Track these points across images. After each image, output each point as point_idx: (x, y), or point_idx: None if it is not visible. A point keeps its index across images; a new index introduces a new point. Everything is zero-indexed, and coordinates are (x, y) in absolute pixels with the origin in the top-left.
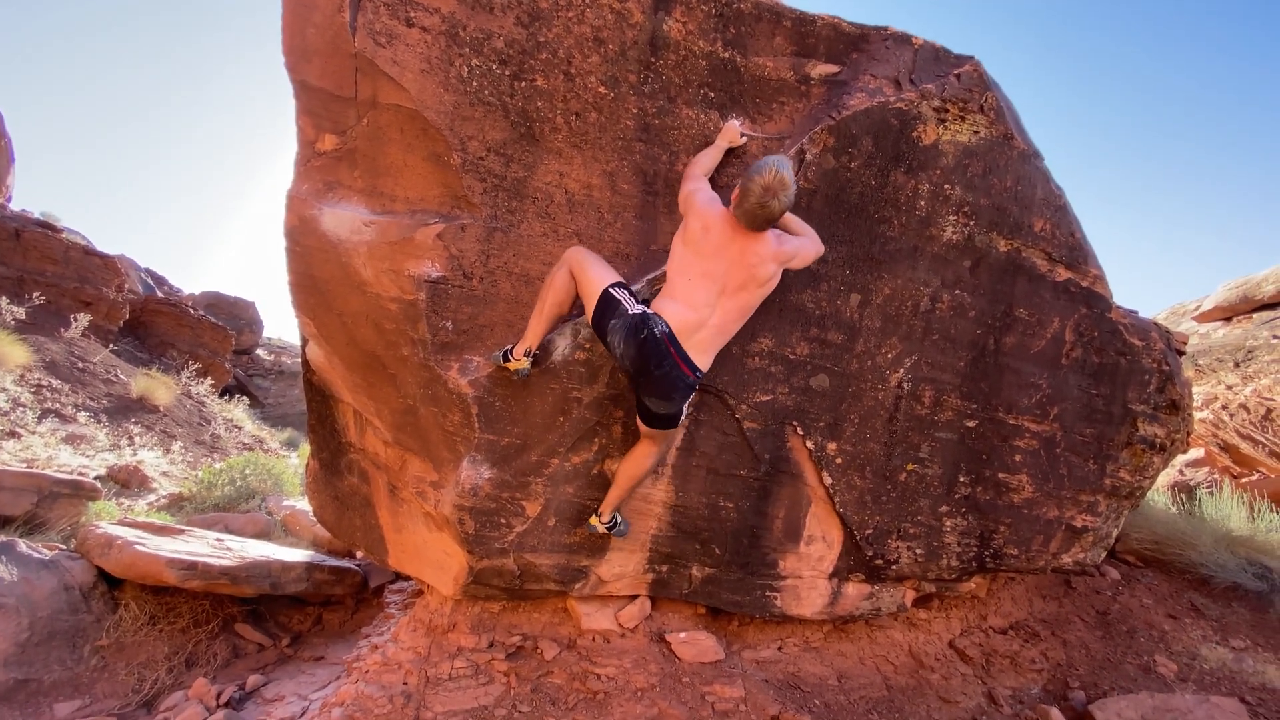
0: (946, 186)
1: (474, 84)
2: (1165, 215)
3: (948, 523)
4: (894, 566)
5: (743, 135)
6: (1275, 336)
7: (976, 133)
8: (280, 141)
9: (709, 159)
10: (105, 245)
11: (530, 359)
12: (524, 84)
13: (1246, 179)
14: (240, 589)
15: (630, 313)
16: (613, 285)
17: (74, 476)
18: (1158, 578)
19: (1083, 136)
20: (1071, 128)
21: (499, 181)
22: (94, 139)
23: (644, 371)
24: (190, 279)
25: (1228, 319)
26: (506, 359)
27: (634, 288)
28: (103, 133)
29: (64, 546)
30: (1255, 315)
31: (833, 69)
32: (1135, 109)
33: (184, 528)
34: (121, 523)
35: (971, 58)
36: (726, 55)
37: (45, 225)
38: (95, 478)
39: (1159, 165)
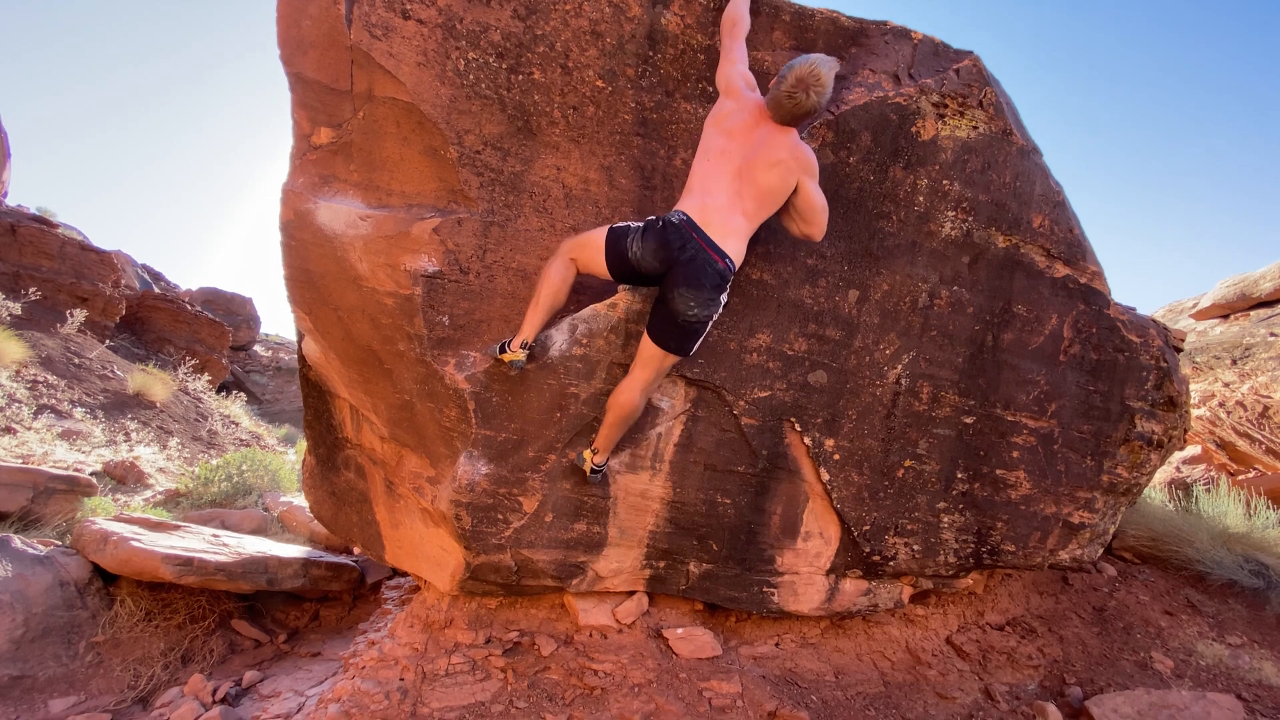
0: (945, 182)
1: (471, 77)
2: (1162, 212)
3: (945, 519)
4: (891, 563)
5: None
6: (1272, 334)
7: (975, 128)
8: (278, 136)
9: (742, 12)
10: (102, 241)
11: (526, 351)
12: (521, 77)
13: (1244, 176)
14: (237, 585)
15: (643, 224)
16: (613, 226)
17: (70, 472)
18: (1155, 574)
19: (1080, 134)
20: (1069, 124)
21: (496, 175)
22: (92, 134)
23: (671, 259)
24: (187, 275)
25: (1225, 316)
26: (503, 351)
27: None
28: (101, 128)
29: (59, 542)
30: (1253, 313)
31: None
32: (1132, 105)
33: (180, 524)
34: (117, 519)
35: (970, 53)
36: None
37: (41, 221)
38: (91, 473)
39: (1156, 162)
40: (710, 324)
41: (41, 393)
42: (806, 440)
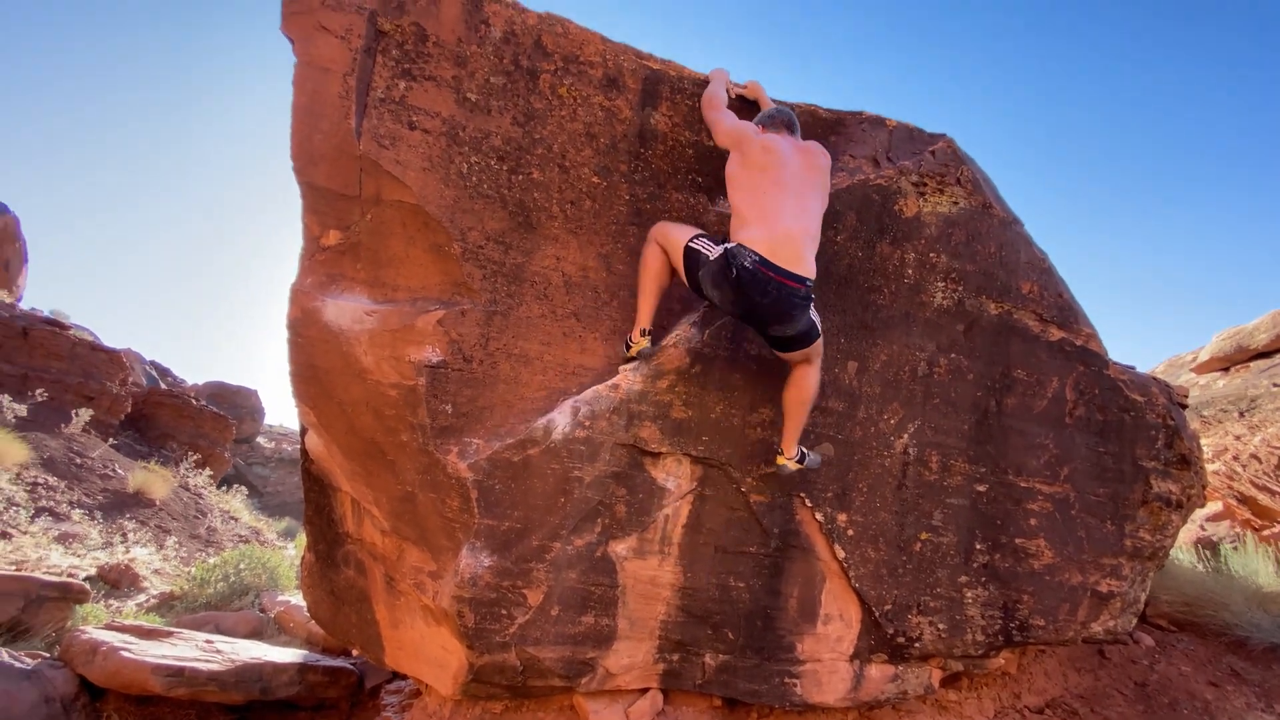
0: (932, 255)
1: (473, 179)
2: (1140, 269)
3: (968, 594)
4: (917, 644)
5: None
6: (1275, 384)
7: (956, 203)
8: (287, 233)
9: (718, 93)
10: (113, 339)
11: (648, 338)
12: (521, 177)
13: (1221, 227)
14: (229, 696)
15: (712, 257)
16: (692, 239)
17: (62, 579)
18: (1194, 642)
19: (1052, 198)
20: (1043, 190)
21: (498, 268)
22: (108, 236)
23: (752, 306)
24: (197, 369)
25: (1225, 369)
26: (629, 347)
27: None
28: (117, 230)
29: (47, 654)
30: (1252, 364)
31: None
32: (1101, 160)
33: (173, 630)
34: (108, 627)
35: (944, 135)
36: (711, 143)
37: (53, 323)
38: (85, 578)
39: (1130, 220)
40: (812, 310)
41: (40, 495)
42: (818, 516)
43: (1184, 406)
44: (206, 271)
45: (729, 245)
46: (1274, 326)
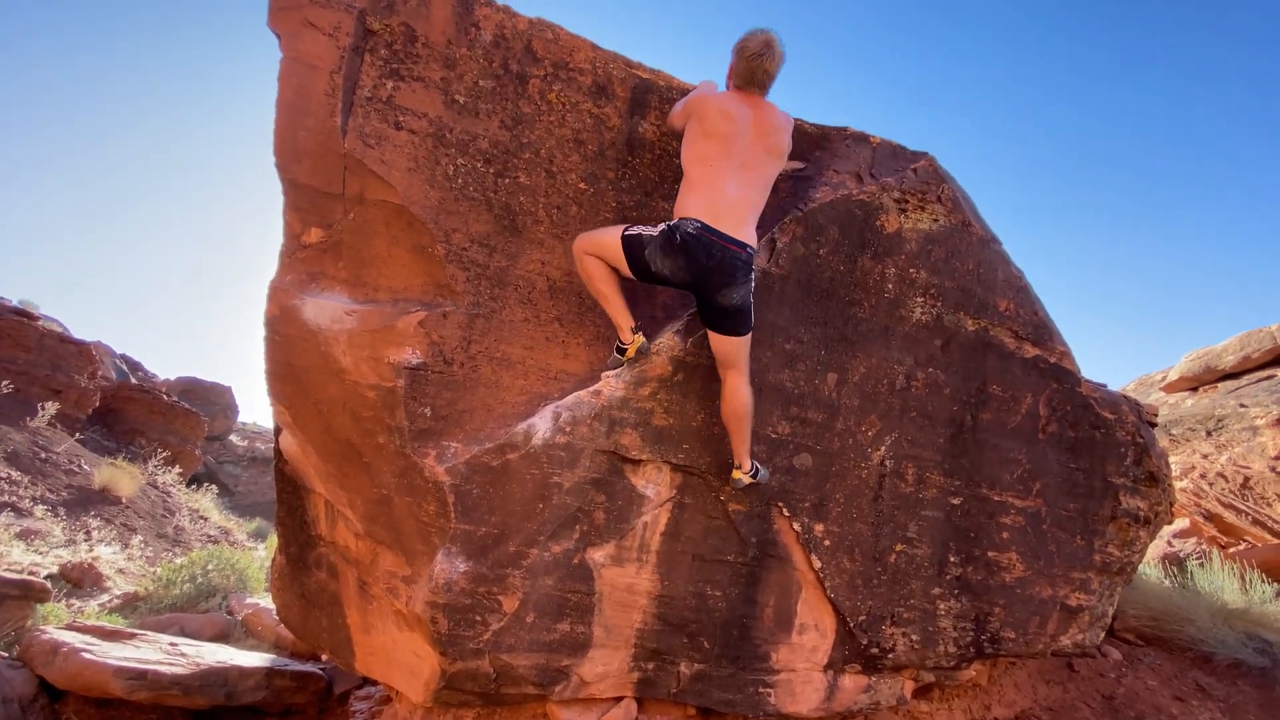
0: (912, 270)
1: (459, 181)
2: (1112, 288)
3: (941, 606)
4: (890, 655)
5: None
6: (1242, 405)
7: (936, 221)
8: (266, 227)
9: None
10: (85, 331)
11: (640, 333)
12: (508, 181)
13: (1191, 248)
14: (192, 700)
15: (655, 234)
16: (625, 230)
17: (23, 576)
18: (1160, 656)
19: (1025, 217)
20: (1015, 209)
21: (482, 270)
22: (82, 225)
23: (699, 268)
24: (170, 364)
25: (1194, 389)
26: (622, 351)
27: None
28: (92, 220)
29: (6, 654)
30: (1220, 385)
31: (798, 165)
32: (1074, 179)
33: (136, 631)
34: (70, 627)
35: (926, 153)
36: None
37: (22, 313)
38: (46, 576)
39: (1103, 240)
40: (752, 292)
41: (3, 489)
42: (796, 526)
43: (1153, 425)
44: (183, 264)
45: (671, 222)
46: (1241, 349)
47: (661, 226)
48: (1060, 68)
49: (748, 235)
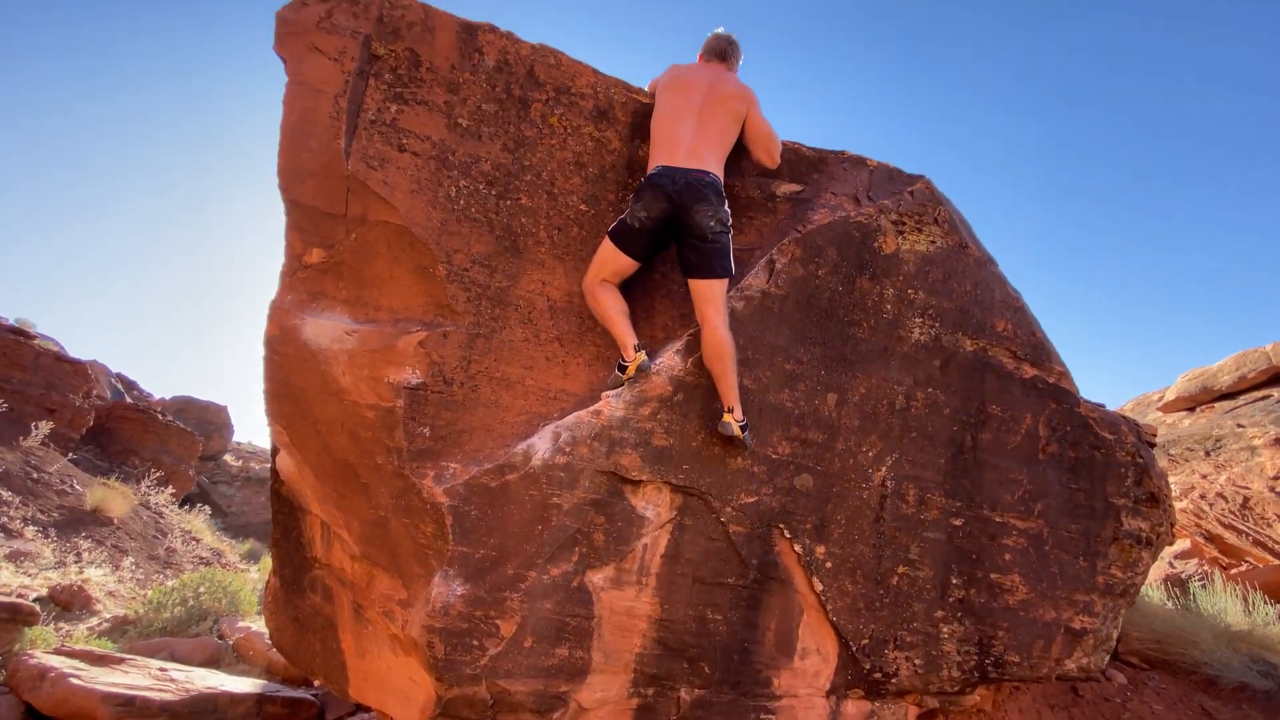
0: (910, 291)
1: (461, 202)
2: (1106, 308)
3: (945, 629)
4: (893, 679)
5: None
6: (1239, 425)
7: (933, 242)
8: (266, 247)
9: None
10: (81, 350)
11: (643, 351)
12: (509, 202)
13: (1187, 266)
14: None
15: (630, 200)
16: (609, 232)
17: (12, 599)
18: (1164, 680)
19: (1019, 237)
20: (1010, 229)
21: (483, 290)
22: (82, 243)
23: (667, 196)
24: (166, 383)
25: (1191, 409)
26: (623, 369)
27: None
28: (91, 238)
29: None
30: (1217, 405)
31: (796, 188)
32: (1067, 198)
33: (125, 656)
34: (58, 651)
35: (922, 176)
36: None
37: (18, 332)
38: (35, 599)
39: (1098, 259)
40: (730, 237)
41: None
42: (797, 547)
43: (1152, 445)
44: (183, 283)
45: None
46: (1237, 369)
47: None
48: (1059, 82)
49: (708, 165)
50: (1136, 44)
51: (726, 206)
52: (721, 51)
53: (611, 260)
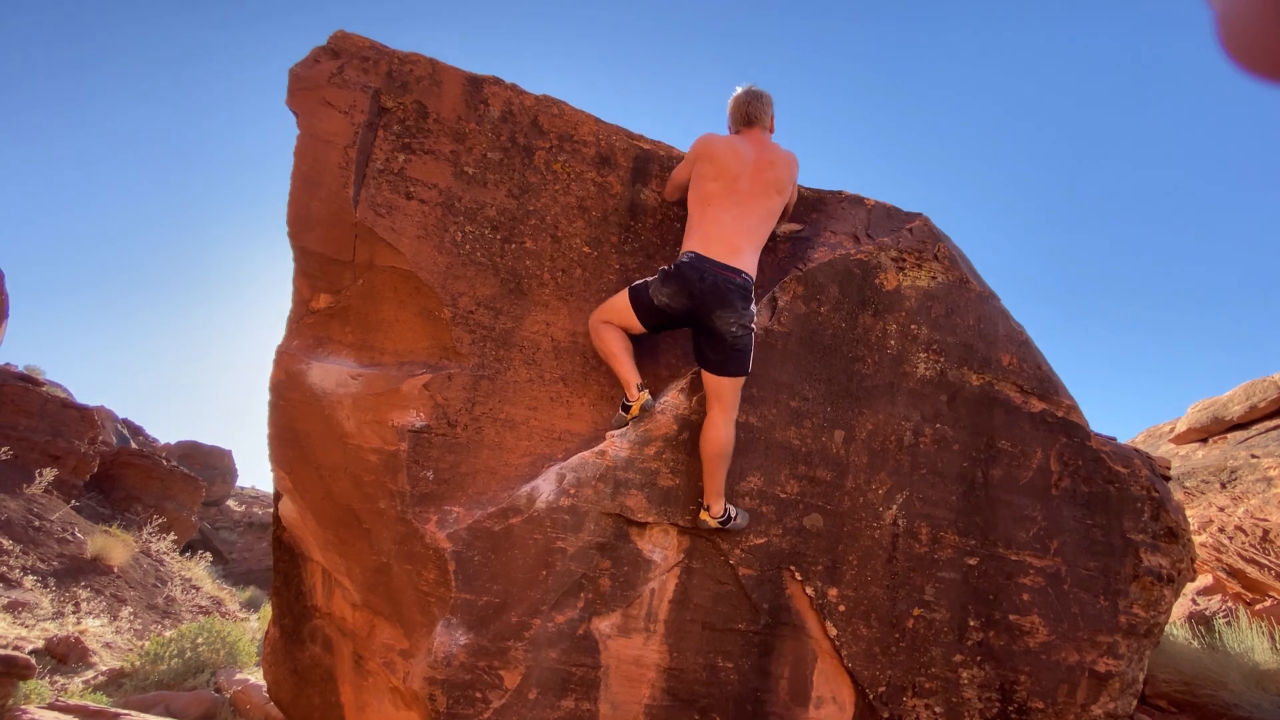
0: (913, 326)
1: (467, 247)
2: (1105, 341)
3: (964, 674)
4: None
5: None
6: (1254, 456)
7: (934, 278)
8: (273, 294)
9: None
10: (90, 395)
11: (645, 391)
12: (514, 246)
13: (1191, 295)
14: None
15: (658, 274)
16: (631, 286)
17: (7, 652)
18: None
19: (1022, 275)
20: (1012, 263)
21: (487, 332)
22: (91, 293)
23: (693, 290)
24: (171, 428)
25: (1203, 440)
26: (627, 408)
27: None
28: (100, 288)
29: None
30: (1229, 435)
31: (796, 227)
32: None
33: (120, 711)
34: (53, 706)
35: (920, 214)
36: None
37: (27, 379)
38: (31, 651)
39: (1102, 292)
40: (753, 336)
41: None
42: (809, 590)
43: (1167, 478)
44: (191, 327)
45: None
46: (1247, 398)
47: (662, 268)
48: (1058, 108)
49: (742, 263)
50: (1140, 59)
51: (753, 307)
52: (750, 116)
53: (623, 314)
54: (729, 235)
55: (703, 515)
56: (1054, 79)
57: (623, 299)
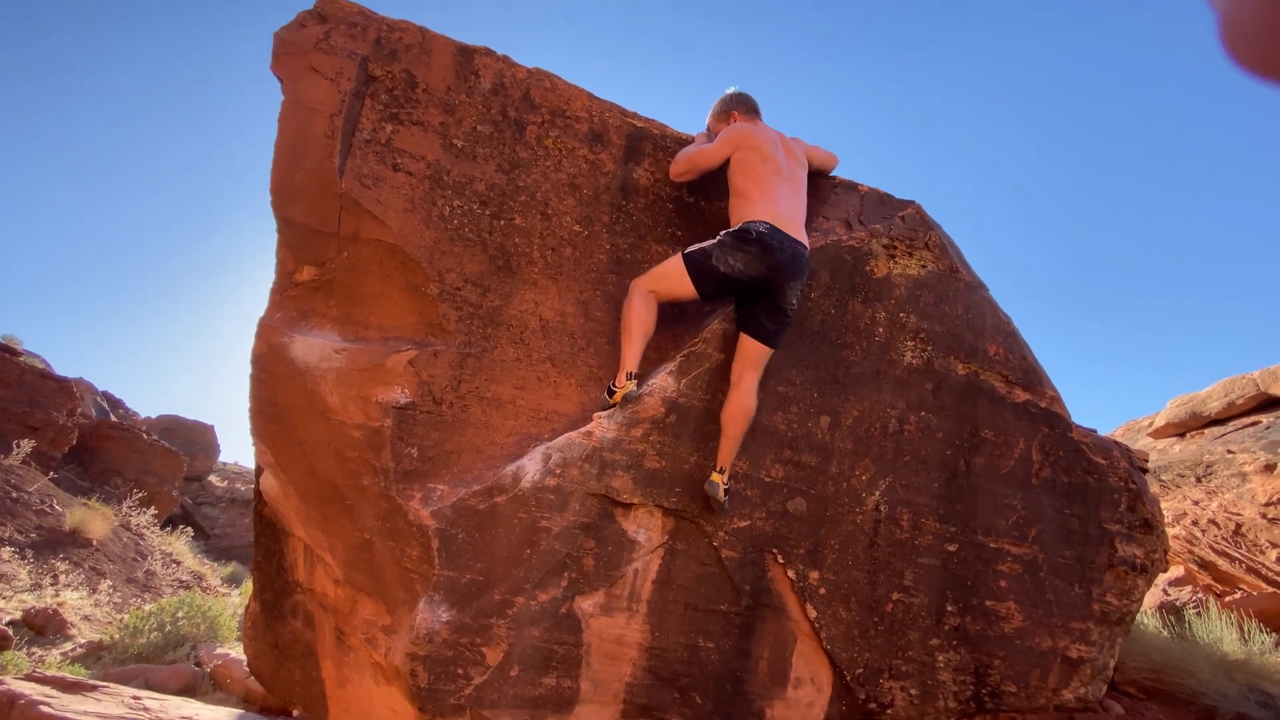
0: (902, 314)
1: (455, 222)
2: (1089, 334)
3: (940, 657)
4: (889, 710)
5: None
6: (1230, 451)
7: (924, 266)
8: (257, 265)
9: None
10: (70, 367)
11: (634, 381)
12: (503, 222)
13: (1173, 293)
14: None
15: (720, 240)
16: (684, 251)
17: None
18: (1162, 710)
19: (1011, 269)
20: (1000, 255)
21: (475, 310)
22: (72, 259)
23: (773, 261)
24: (151, 402)
25: (1181, 434)
26: (611, 394)
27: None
28: (81, 253)
29: None
30: (1207, 431)
31: None
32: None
33: (98, 683)
34: (29, 677)
35: (913, 202)
36: (691, 200)
37: (5, 349)
38: (9, 623)
39: (1085, 286)
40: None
41: None
42: (790, 573)
43: (1145, 470)
44: (173, 300)
45: (735, 227)
46: (1225, 395)
47: (733, 230)
48: (1046, 104)
49: (805, 238)
50: (1132, 59)
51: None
52: (757, 109)
53: (677, 281)
54: (792, 211)
55: (714, 477)
56: (1045, 71)
57: (677, 265)
